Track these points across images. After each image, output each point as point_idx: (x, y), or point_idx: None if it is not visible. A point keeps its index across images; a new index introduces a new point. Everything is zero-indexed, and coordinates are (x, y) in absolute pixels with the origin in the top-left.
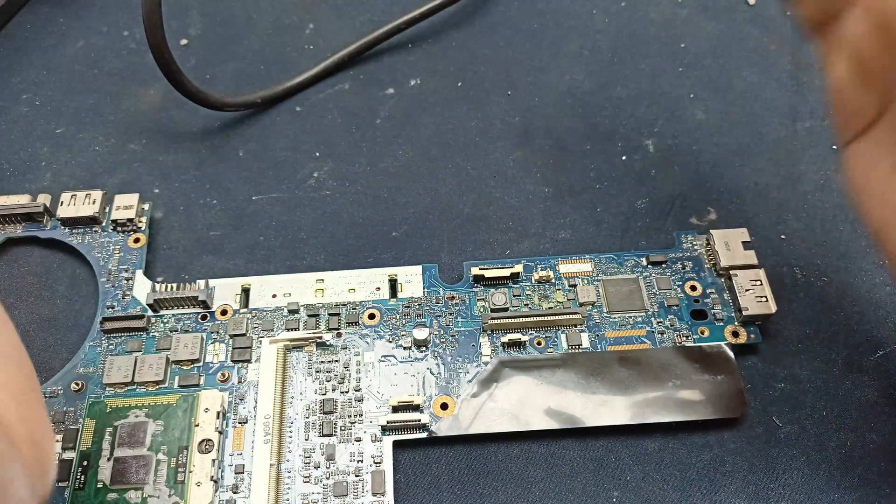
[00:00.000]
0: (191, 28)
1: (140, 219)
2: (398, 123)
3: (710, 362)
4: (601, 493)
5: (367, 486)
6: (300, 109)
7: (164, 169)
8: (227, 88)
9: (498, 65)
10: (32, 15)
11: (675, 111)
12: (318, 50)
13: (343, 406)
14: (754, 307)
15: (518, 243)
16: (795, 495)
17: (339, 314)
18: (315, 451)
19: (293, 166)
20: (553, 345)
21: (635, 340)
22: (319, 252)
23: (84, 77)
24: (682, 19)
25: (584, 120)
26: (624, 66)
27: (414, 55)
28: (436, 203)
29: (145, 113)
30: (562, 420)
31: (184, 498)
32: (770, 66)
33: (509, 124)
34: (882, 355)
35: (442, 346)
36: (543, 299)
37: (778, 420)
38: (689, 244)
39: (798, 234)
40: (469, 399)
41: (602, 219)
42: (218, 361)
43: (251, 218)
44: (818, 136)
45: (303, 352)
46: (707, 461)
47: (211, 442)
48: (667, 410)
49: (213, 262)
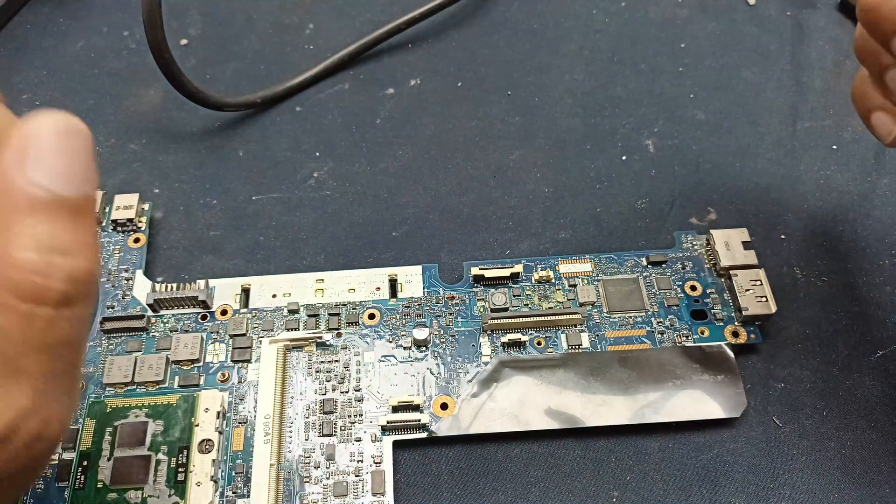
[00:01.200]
0: (191, 28)
1: (140, 219)
2: (398, 123)
3: (710, 362)
4: (601, 493)
5: (367, 486)
6: (300, 109)
7: (164, 169)
8: (227, 88)
9: (498, 65)
10: (32, 15)
11: (675, 111)
12: (318, 50)
13: (343, 406)
14: (754, 307)
15: (518, 243)
16: (795, 495)
17: (339, 314)
18: (315, 451)
19: (293, 166)
20: (553, 345)
21: (635, 340)
22: (319, 252)
23: (84, 77)
24: (682, 19)
25: (584, 120)
26: (624, 66)
27: (414, 55)
28: (436, 203)
29: (145, 113)
30: (562, 420)
31: (184, 498)
32: (770, 66)
33: (509, 124)
34: (882, 355)
35: (442, 346)
36: (543, 299)
37: (778, 420)
38: (689, 244)
39: (798, 234)
40: (469, 399)
41: (602, 219)
42: (218, 361)
43: (251, 218)
44: (818, 136)
45: (303, 352)
46: (707, 461)
47: (211, 442)
48: (667, 410)
49: (213, 262)
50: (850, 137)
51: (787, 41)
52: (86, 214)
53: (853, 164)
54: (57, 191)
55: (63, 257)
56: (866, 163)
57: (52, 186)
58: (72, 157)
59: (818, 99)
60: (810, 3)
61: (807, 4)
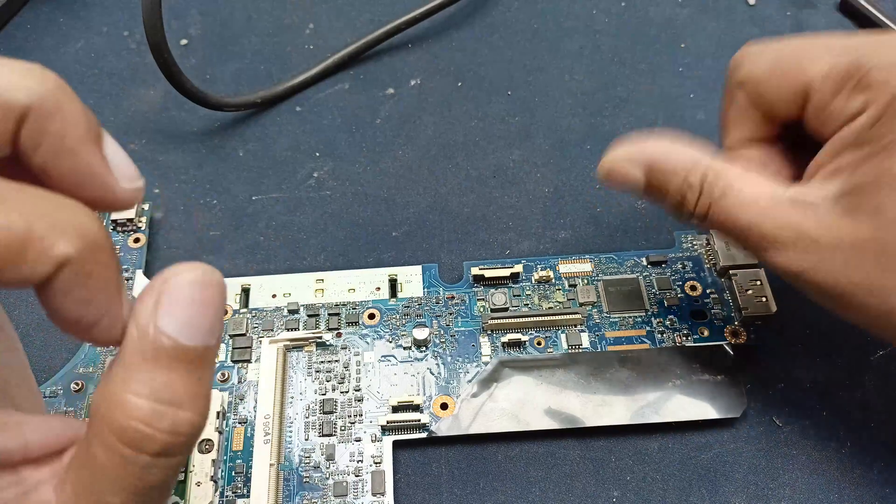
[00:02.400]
0: (191, 28)
1: (140, 219)
2: (398, 123)
3: (710, 362)
4: (601, 493)
5: (367, 486)
6: (300, 109)
7: (164, 169)
8: (227, 88)
9: (498, 65)
10: (32, 15)
11: (675, 111)
12: (318, 50)
13: (343, 406)
14: (754, 307)
15: (518, 243)
16: (795, 495)
17: (339, 314)
18: (315, 451)
19: (293, 166)
20: (553, 345)
21: (635, 340)
22: (319, 252)
23: (84, 77)
24: (682, 19)
25: (584, 120)
26: (624, 66)
27: (414, 55)
28: (436, 203)
29: (145, 113)
30: (562, 420)
31: (184, 498)
32: None
33: (509, 124)
34: (882, 355)
35: (442, 346)
36: (543, 299)
37: (778, 420)
38: (689, 244)
39: None
40: (469, 399)
41: (602, 219)
42: (218, 361)
43: (251, 218)
44: None
45: (303, 352)
46: (707, 461)
47: (211, 442)
48: (667, 410)
49: (213, 262)
50: None
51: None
52: (205, 366)
53: None
54: (181, 341)
55: (172, 409)
56: None
57: (177, 336)
58: (202, 308)
59: None
60: (810, 3)
61: (807, 4)
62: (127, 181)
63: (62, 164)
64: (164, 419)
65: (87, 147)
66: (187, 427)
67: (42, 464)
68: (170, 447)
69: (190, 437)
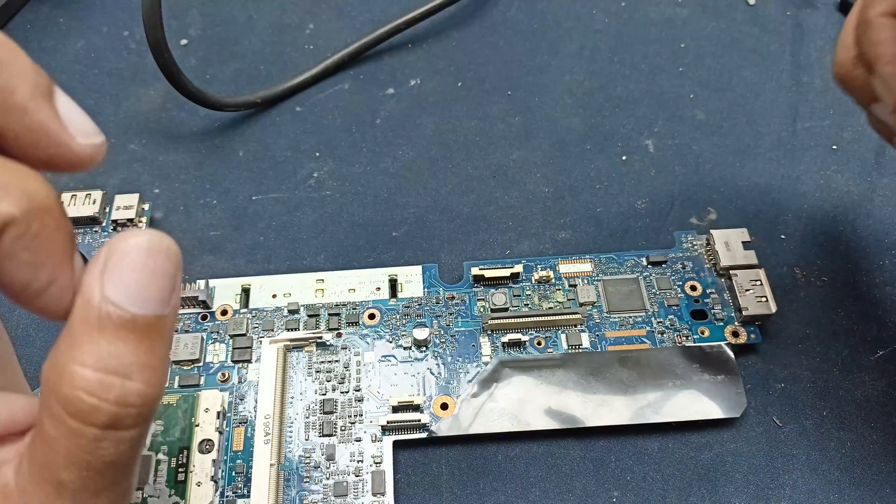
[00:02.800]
0: (191, 28)
1: (140, 219)
2: (398, 123)
3: (710, 362)
4: (601, 493)
5: (367, 486)
6: (300, 109)
7: (164, 169)
8: (227, 88)
9: (498, 65)
10: (32, 15)
11: (675, 111)
12: (318, 50)
13: (343, 406)
14: (754, 307)
15: (518, 243)
16: (795, 495)
17: (339, 314)
18: (315, 451)
19: (293, 166)
20: (553, 345)
21: (635, 340)
22: (319, 252)
23: (84, 77)
24: (682, 19)
25: (584, 120)
26: (624, 66)
27: (414, 55)
28: (436, 203)
29: (145, 113)
30: (562, 420)
31: (184, 498)
32: (770, 66)
33: (509, 124)
34: (882, 355)
35: (442, 346)
36: (543, 299)
37: (778, 420)
38: (689, 244)
39: (798, 234)
40: (469, 399)
41: (602, 219)
42: (218, 361)
43: (251, 218)
44: (818, 136)
45: (303, 352)
46: (707, 461)
47: (211, 442)
48: (667, 410)
49: (213, 262)
50: (850, 137)
51: (787, 41)
52: (156, 336)
53: (853, 164)
54: (128, 309)
55: (120, 379)
56: (866, 163)
57: (124, 304)
58: (152, 275)
59: (818, 99)
60: (810, 3)
61: (807, 4)
62: (83, 136)
63: (12, 122)
64: (111, 390)
65: (37, 102)
66: (136, 398)
67: (4, 443)
68: (118, 419)
69: (141, 409)
